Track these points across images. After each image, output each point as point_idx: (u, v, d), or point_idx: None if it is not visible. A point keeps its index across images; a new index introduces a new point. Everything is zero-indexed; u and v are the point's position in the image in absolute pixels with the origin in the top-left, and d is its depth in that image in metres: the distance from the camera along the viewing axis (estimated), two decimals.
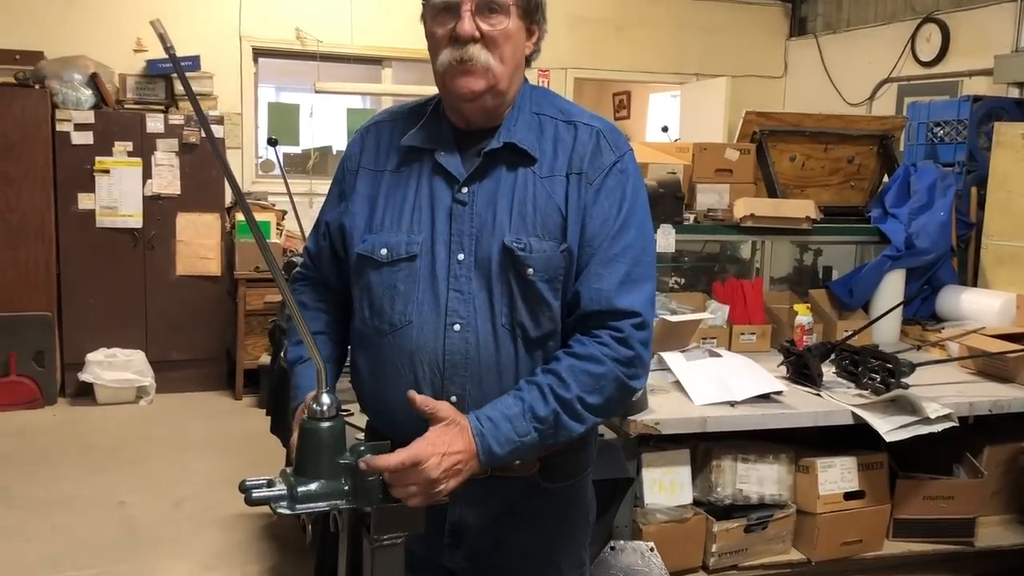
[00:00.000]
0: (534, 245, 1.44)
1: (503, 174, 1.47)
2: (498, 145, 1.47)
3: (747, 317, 3.34)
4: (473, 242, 1.45)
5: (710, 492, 2.65)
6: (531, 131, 1.49)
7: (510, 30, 1.43)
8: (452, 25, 1.42)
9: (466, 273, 1.45)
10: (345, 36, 6.42)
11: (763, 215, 3.46)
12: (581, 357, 1.43)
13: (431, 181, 1.49)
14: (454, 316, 1.45)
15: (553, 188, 1.47)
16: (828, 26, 7.19)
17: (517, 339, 1.46)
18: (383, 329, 1.49)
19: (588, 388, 1.41)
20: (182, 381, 5.77)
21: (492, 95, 1.45)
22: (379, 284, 1.49)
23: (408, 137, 1.52)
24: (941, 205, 3.65)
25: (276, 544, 3.64)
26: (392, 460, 1.30)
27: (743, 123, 3.88)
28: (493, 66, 1.42)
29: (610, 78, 7.55)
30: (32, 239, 5.40)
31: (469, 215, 1.46)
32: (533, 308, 1.45)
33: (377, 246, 1.48)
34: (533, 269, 1.43)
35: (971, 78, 5.80)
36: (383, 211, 1.50)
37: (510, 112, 1.50)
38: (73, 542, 3.62)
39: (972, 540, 2.89)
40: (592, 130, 1.50)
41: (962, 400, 2.74)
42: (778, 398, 2.65)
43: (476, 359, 1.45)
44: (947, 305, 3.63)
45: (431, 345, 1.45)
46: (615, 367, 1.43)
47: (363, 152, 1.57)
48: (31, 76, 5.37)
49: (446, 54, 1.43)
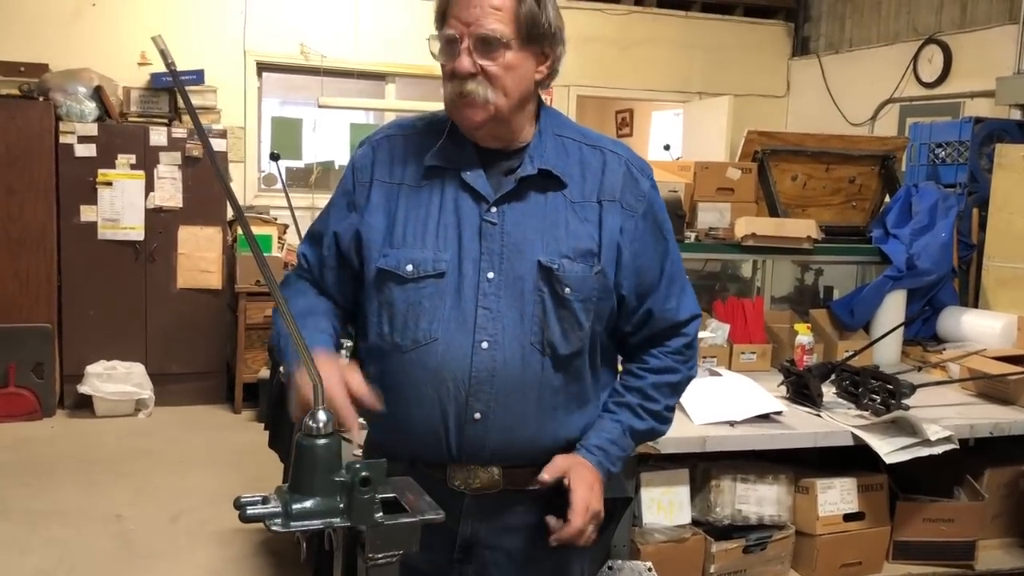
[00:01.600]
0: (567, 266, 1.47)
1: (532, 196, 1.49)
2: (533, 171, 1.48)
3: (747, 336, 3.34)
4: (503, 261, 1.46)
5: (709, 512, 2.64)
6: (559, 156, 1.51)
7: (510, 62, 1.43)
8: (454, 60, 1.42)
9: (495, 291, 1.46)
10: (349, 51, 6.45)
11: (764, 234, 3.46)
12: (660, 371, 1.60)
13: (456, 198, 1.49)
14: (483, 334, 1.46)
15: (585, 213, 1.50)
16: (831, 46, 7.22)
17: (545, 357, 1.48)
18: (404, 346, 1.48)
19: (670, 396, 1.62)
20: (181, 394, 5.76)
21: (496, 123, 1.46)
22: (403, 300, 1.48)
23: (431, 156, 1.51)
24: (943, 226, 3.64)
25: (273, 560, 3.62)
26: (578, 521, 1.47)
27: (745, 142, 3.89)
28: (492, 100, 1.43)
29: (613, 96, 7.58)
30: (34, 250, 5.40)
31: (500, 234, 1.47)
32: (565, 327, 1.48)
33: (403, 262, 1.47)
34: (570, 288, 1.47)
35: (973, 99, 5.82)
36: (404, 226, 1.49)
37: (536, 136, 1.51)
38: (68, 555, 3.60)
39: (972, 563, 2.87)
40: (620, 159, 1.56)
41: (963, 422, 2.73)
42: (778, 418, 2.64)
43: (503, 377, 1.46)
44: (948, 326, 3.63)
45: (458, 363, 1.46)
46: (687, 370, 1.63)
47: (375, 164, 1.55)
48: (35, 88, 5.39)
49: (448, 87, 1.45)
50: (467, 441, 1.46)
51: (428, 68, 6.51)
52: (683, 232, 3.44)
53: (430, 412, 1.48)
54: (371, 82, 6.79)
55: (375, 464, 1.29)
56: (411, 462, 1.51)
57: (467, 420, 1.47)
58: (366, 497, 1.26)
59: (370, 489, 1.25)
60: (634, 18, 7.15)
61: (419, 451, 1.51)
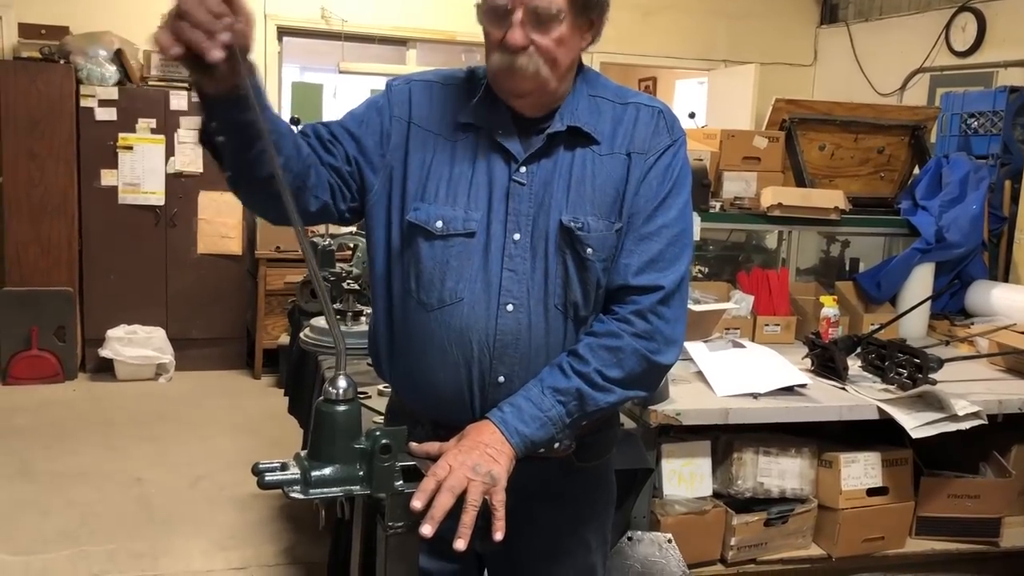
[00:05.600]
0: (591, 224, 1.44)
1: (561, 154, 1.46)
2: (562, 128, 1.45)
3: (772, 308, 3.29)
4: (530, 222, 1.44)
5: (730, 485, 2.61)
6: (591, 114, 1.48)
7: (562, 36, 1.38)
8: (504, 30, 1.37)
9: (521, 253, 1.44)
10: (370, 16, 6.39)
11: (791, 204, 3.42)
12: (599, 334, 1.45)
13: (488, 158, 1.46)
14: (508, 296, 1.44)
15: (613, 166, 1.46)
16: (860, 14, 7.07)
17: (568, 319, 1.46)
18: (430, 304, 1.46)
19: (607, 362, 1.43)
20: (201, 359, 5.79)
21: (540, 94, 1.43)
22: (430, 257, 1.45)
23: (465, 113, 1.48)
24: (973, 198, 3.57)
25: (291, 525, 3.64)
26: (431, 446, 1.35)
27: (772, 110, 3.82)
28: (543, 72, 1.39)
29: (637, 63, 7.47)
30: (55, 215, 5.42)
31: (528, 195, 1.44)
32: (586, 287, 1.46)
33: (432, 217, 1.45)
34: (592, 249, 1.44)
35: (1007, 69, 5.67)
36: (437, 181, 1.46)
37: (570, 96, 1.48)
38: (90, 517, 3.64)
39: (997, 540, 2.83)
40: (654, 111, 1.50)
41: (991, 397, 2.68)
42: (802, 391, 2.60)
43: (527, 339, 1.45)
44: (977, 300, 3.56)
45: (482, 324, 1.44)
46: (633, 340, 1.44)
47: (412, 106, 1.50)
48: (56, 51, 5.38)
49: (496, 57, 1.40)
50: (491, 404, 1.44)
51: (449, 33, 6.44)
52: (708, 201, 3.39)
53: (454, 374, 1.47)
54: (392, 47, 6.73)
55: (395, 431, 1.27)
56: (434, 425, 1.51)
57: (491, 383, 1.46)
58: (386, 465, 1.24)
59: (390, 457, 1.23)
60: None
61: (442, 413, 1.50)
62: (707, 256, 3.90)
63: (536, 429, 1.39)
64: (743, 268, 3.67)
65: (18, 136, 5.31)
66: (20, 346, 5.34)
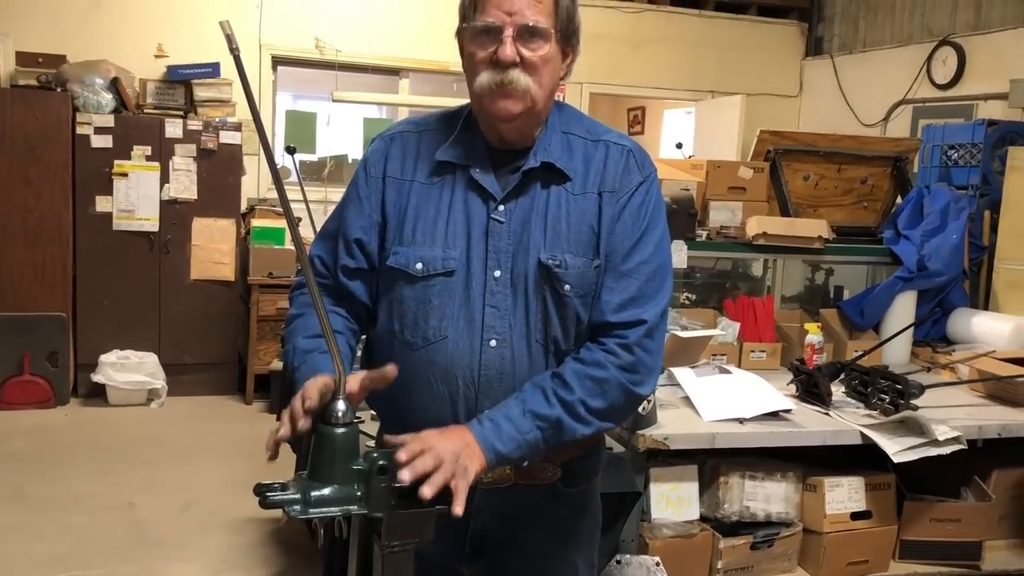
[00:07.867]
0: (569, 261, 1.47)
1: (537, 192, 1.50)
2: (536, 164, 1.49)
3: (758, 335, 3.35)
4: (509, 259, 1.48)
5: (717, 508, 2.66)
6: (563, 151, 1.52)
7: (548, 55, 1.45)
8: (493, 49, 1.42)
9: (502, 290, 1.47)
10: (363, 46, 6.47)
11: (775, 233, 3.48)
12: (587, 363, 1.45)
13: (465, 197, 1.50)
14: (491, 332, 1.47)
15: (586, 205, 1.49)
16: (844, 46, 7.21)
17: (549, 354, 1.49)
18: (415, 343, 1.50)
19: (592, 392, 1.44)
20: (193, 385, 5.80)
21: (528, 116, 1.47)
22: (413, 298, 1.49)
23: (442, 151, 1.52)
24: (954, 228, 3.65)
25: (283, 549, 3.66)
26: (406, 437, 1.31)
27: (757, 141, 3.90)
28: (532, 90, 1.44)
29: (625, 93, 7.58)
30: (49, 240, 5.45)
31: (507, 233, 1.48)
32: (566, 323, 1.49)
33: (412, 260, 1.49)
34: (570, 286, 1.47)
35: (986, 102, 5.81)
36: (414, 223, 1.50)
37: (542, 132, 1.52)
38: (82, 541, 3.65)
39: (979, 563, 2.88)
40: (623, 149, 1.53)
41: (971, 423, 2.74)
42: (787, 416, 2.65)
43: (511, 374, 1.48)
44: (958, 328, 3.63)
45: (466, 360, 1.47)
46: (618, 373, 1.45)
47: (388, 161, 1.56)
48: (53, 79, 5.44)
49: (485, 76, 1.44)
50: None
51: (442, 63, 6.53)
52: (695, 230, 3.45)
53: (441, 408, 1.49)
54: (385, 77, 6.81)
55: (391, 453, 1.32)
56: None
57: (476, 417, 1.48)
58: (383, 485, 1.29)
59: (387, 477, 1.28)
60: (647, 16, 7.15)
61: None
62: (694, 284, 3.96)
63: (512, 449, 1.39)
64: (729, 296, 3.72)
65: (14, 162, 5.35)
66: (12, 371, 5.35)
